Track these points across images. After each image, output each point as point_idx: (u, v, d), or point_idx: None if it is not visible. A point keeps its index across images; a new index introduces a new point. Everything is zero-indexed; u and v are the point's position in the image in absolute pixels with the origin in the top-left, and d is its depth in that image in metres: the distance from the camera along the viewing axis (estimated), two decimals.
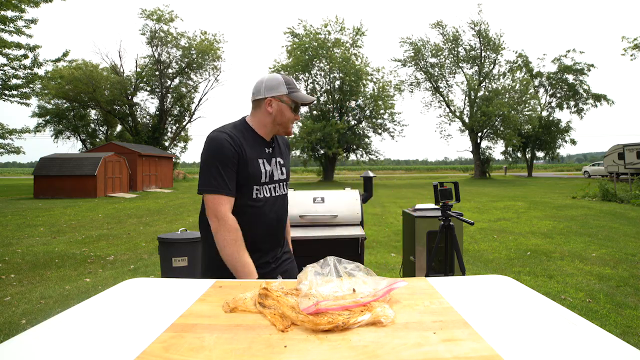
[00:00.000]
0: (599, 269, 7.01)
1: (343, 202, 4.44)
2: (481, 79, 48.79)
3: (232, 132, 2.31)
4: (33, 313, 5.25)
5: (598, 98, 50.04)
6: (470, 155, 51.40)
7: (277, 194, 2.49)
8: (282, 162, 2.55)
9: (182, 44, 46.42)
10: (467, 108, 48.58)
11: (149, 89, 47.69)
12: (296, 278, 2.67)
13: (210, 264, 2.37)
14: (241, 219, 2.30)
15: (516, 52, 54.81)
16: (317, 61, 46.29)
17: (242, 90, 44.84)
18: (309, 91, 47.31)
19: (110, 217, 15.06)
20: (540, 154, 54.25)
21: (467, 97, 48.71)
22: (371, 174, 4.91)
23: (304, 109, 47.52)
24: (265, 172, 2.40)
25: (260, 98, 2.36)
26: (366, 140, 48.29)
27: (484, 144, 50.22)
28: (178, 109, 49.26)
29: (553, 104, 52.12)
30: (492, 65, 49.64)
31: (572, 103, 51.13)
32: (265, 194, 2.41)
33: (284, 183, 2.57)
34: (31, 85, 27.52)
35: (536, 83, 51.61)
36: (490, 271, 6.93)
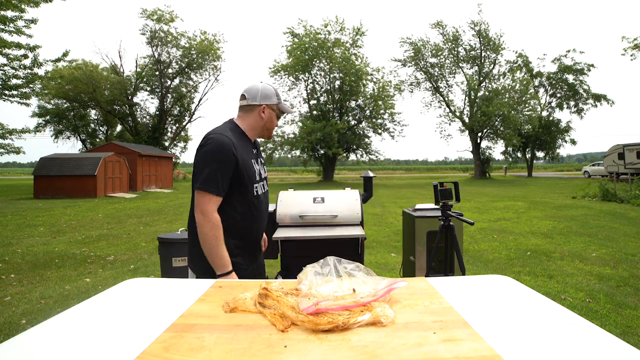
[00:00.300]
0: (599, 269, 7.00)
1: (343, 202, 4.43)
2: (481, 79, 48.63)
3: (233, 138, 2.50)
4: (33, 313, 5.23)
5: (598, 98, 49.83)
6: (470, 155, 51.26)
7: (264, 191, 2.75)
8: (262, 161, 2.81)
9: (182, 44, 46.29)
10: (467, 108, 48.46)
11: (149, 89, 47.55)
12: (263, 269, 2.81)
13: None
14: (246, 216, 2.57)
15: (516, 52, 54.53)
16: (317, 61, 46.11)
17: (243, 90, 44.59)
18: (309, 91, 47.52)
19: (110, 217, 15.02)
20: (540, 154, 54.08)
21: (467, 97, 48.59)
22: (371, 174, 4.90)
23: (303, 109, 48.33)
24: (256, 171, 2.64)
25: (256, 104, 2.62)
26: (366, 140, 48.14)
27: (484, 144, 50.16)
28: (178, 109, 49.11)
29: (553, 104, 51.95)
30: (492, 65, 49.51)
31: (572, 103, 50.91)
32: (259, 192, 2.65)
33: (267, 180, 2.82)
34: (31, 85, 27.48)
35: (536, 83, 51.44)
36: (490, 271, 6.91)
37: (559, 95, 51.56)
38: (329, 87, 47.08)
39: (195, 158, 2.48)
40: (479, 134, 48.14)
